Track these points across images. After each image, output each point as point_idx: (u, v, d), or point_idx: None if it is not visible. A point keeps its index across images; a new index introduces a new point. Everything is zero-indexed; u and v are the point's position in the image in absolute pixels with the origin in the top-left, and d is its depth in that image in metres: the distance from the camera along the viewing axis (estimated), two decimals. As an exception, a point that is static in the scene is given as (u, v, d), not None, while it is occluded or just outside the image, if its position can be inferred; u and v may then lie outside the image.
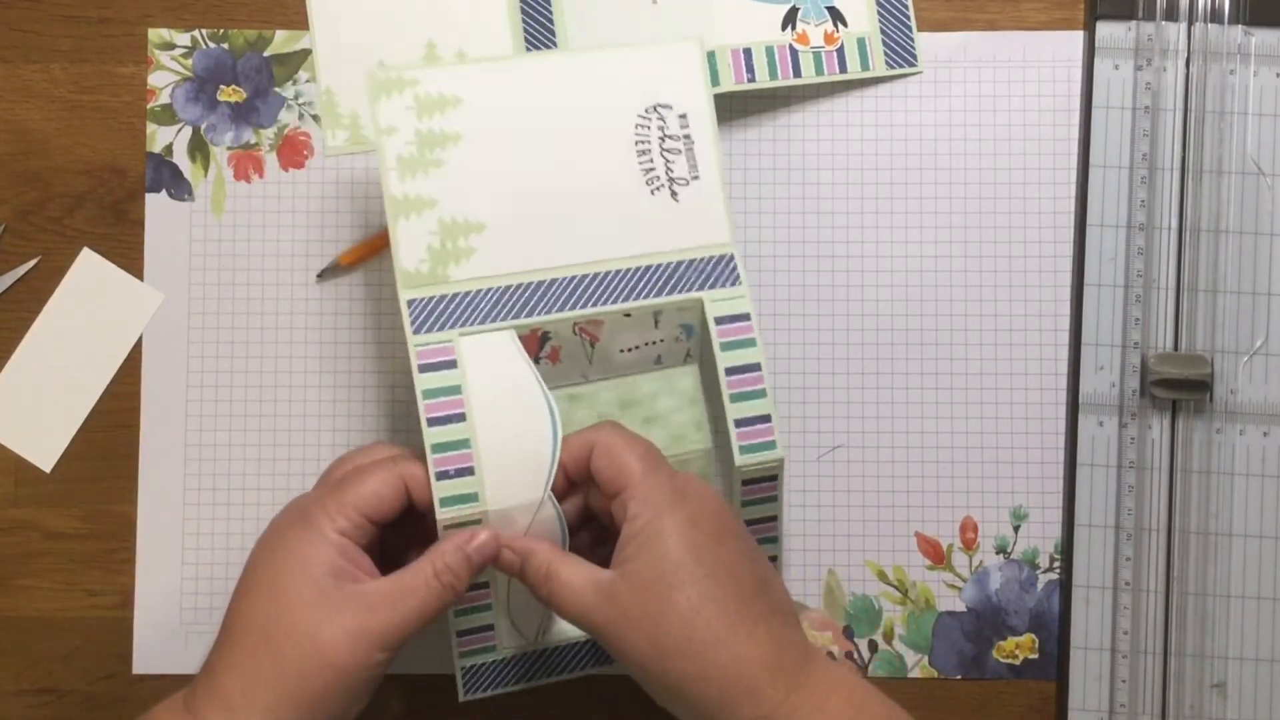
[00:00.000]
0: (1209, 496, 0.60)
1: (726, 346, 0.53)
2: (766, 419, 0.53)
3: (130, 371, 0.61)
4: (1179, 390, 0.60)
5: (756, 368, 0.53)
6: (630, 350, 0.57)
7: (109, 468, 0.61)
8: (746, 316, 0.54)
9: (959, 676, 0.61)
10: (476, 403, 0.51)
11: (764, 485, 0.53)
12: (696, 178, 0.55)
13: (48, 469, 0.61)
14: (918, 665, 0.61)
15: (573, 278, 0.54)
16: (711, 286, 0.54)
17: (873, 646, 0.61)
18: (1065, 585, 0.60)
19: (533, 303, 0.53)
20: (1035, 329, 0.62)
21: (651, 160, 0.55)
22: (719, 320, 0.54)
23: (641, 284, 0.54)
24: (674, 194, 0.55)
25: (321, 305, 0.62)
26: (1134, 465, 0.60)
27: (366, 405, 0.61)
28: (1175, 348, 0.60)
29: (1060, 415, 0.61)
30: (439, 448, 0.50)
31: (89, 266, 0.61)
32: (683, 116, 0.55)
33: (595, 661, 0.55)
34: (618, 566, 0.47)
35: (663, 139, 0.55)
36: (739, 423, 0.52)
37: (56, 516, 0.61)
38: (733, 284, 0.55)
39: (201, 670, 0.48)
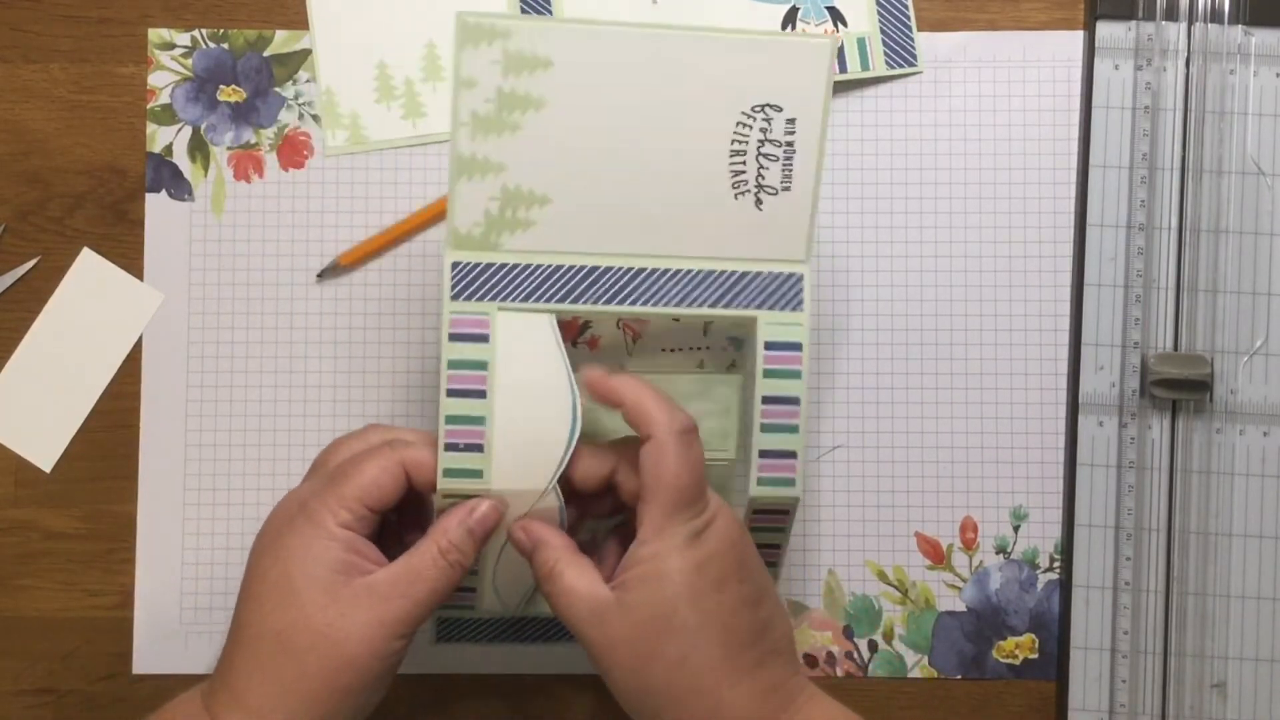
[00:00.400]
0: (1209, 496, 0.60)
1: (770, 374, 0.51)
2: (792, 455, 0.51)
3: (130, 371, 0.61)
4: (1179, 390, 0.60)
5: (795, 401, 0.51)
6: (673, 350, 0.56)
7: (109, 468, 0.61)
8: (799, 346, 0.51)
9: (959, 676, 0.61)
10: (500, 382, 0.49)
11: (775, 517, 0.52)
12: (788, 189, 0.51)
13: (48, 469, 0.61)
14: (918, 665, 0.61)
15: (627, 269, 0.51)
16: (770, 307, 0.52)
17: (873, 646, 0.61)
18: (1065, 585, 0.60)
19: (580, 289, 0.51)
20: (1035, 329, 0.62)
21: (744, 162, 0.51)
22: (769, 345, 0.51)
23: (698, 289, 0.51)
24: (759, 201, 0.51)
25: (321, 305, 0.62)
26: (1134, 465, 0.60)
27: (367, 405, 0.61)
28: (1175, 348, 0.60)
29: (1060, 415, 0.61)
30: (453, 419, 0.49)
31: (89, 266, 0.61)
32: (791, 121, 0.51)
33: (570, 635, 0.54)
34: (618, 589, 0.47)
35: (762, 142, 0.51)
36: (763, 453, 0.51)
37: (56, 516, 0.61)
38: (794, 308, 0.52)
39: (216, 675, 0.48)
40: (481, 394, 0.49)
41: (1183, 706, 0.59)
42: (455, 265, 0.50)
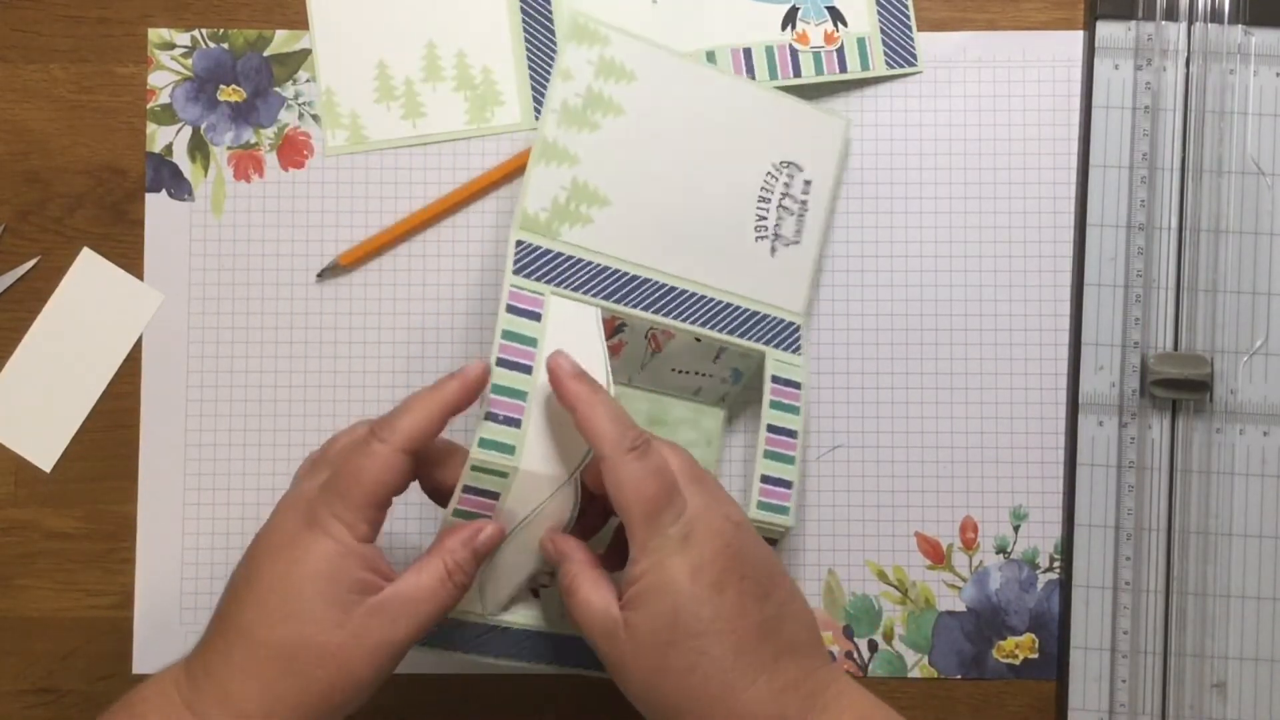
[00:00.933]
0: (1209, 496, 0.60)
1: (774, 405, 0.55)
2: (788, 485, 0.54)
3: (130, 371, 0.61)
4: (1179, 390, 0.60)
5: (793, 434, 0.55)
6: (680, 372, 0.59)
7: (109, 468, 0.61)
8: (798, 385, 0.57)
9: (959, 676, 0.61)
10: (544, 364, 0.51)
11: None
12: (797, 243, 0.58)
13: (48, 469, 0.61)
14: (918, 665, 0.61)
15: (664, 285, 0.55)
16: (776, 346, 0.57)
17: (873, 646, 0.61)
18: (1065, 585, 0.60)
19: (624, 292, 0.55)
20: (1035, 329, 0.62)
21: (767, 210, 0.58)
22: (774, 379, 0.56)
23: (719, 317, 0.56)
24: (773, 249, 0.58)
25: (321, 305, 0.62)
26: (1134, 465, 0.60)
27: (367, 405, 0.61)
28: (1175, 348, 0.60)
29: (1060, 415, 0.61)
30: (499, 390, 0.50)
31: (89, 266, 0.61)
32: (808, 183, 0.58)
33: (548, 659, 0.54)
34: (624, 608, 0.47)
35: (784, 196, 0.58)
36: (764, 479, 0.54)
37: (56, 516, 0.61)
38: (794, 351, 0.57)
39: (200, 668, 0.47)
40: (528, 369, 0.51)
41: (1183, 706, 0.59)
42: (519, 243, 0.53)
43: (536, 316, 0.52)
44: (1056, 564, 0.61)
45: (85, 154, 0.62)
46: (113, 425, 0.61)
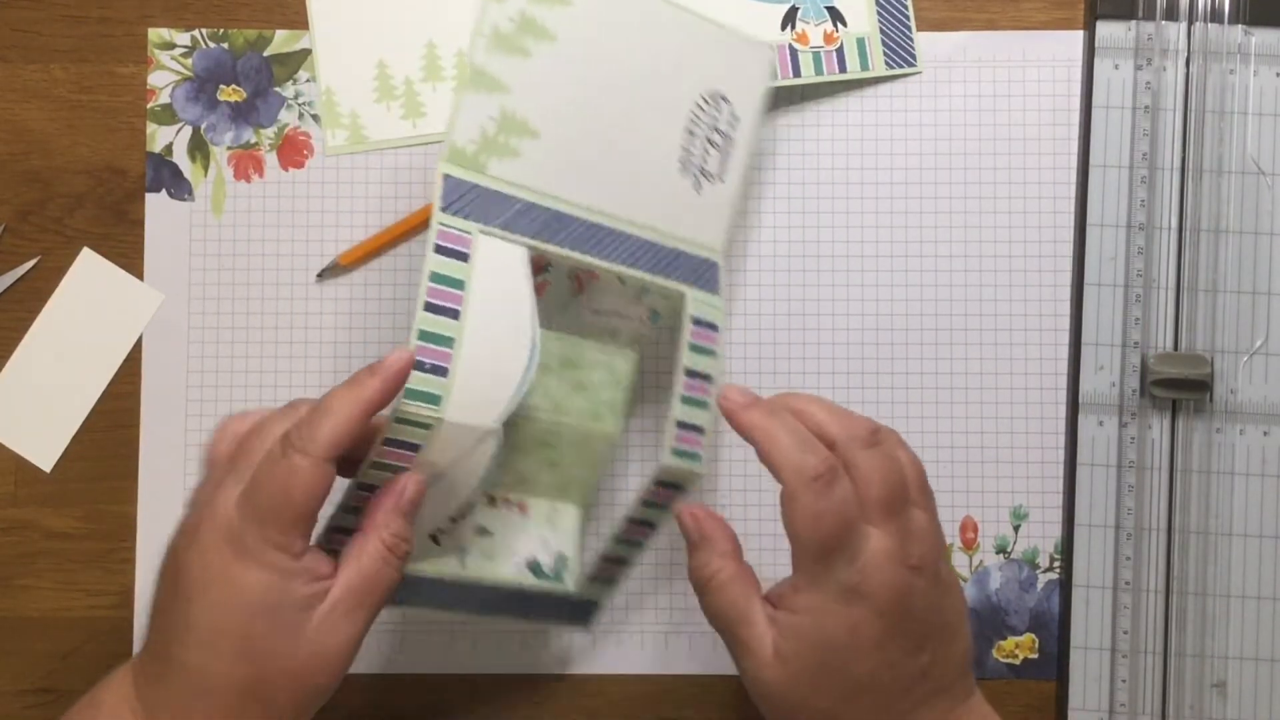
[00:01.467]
0: (1209, 496, 0.60)
1: (693, 348, 0.53)
2: (702, 431, 0.52)
3: (130, 371, 0.61)
4: (1179, 390, 0.60)
5: (709, 379, 0.53)
6: (600, 313, 0.57)
7: (109, 468, 0.61)
8: (716, 327, 0.54)
9: (959, 676, 0.61)
10: (472, 307, 0.49)
11: (670, 491, 0.53)
12: (722, 180, 0.56)
13: (48, 469, 0.61)
14: (918, 665, 0.61)
15: (589, 222, 0.53)
16: (696, 286, 0.55)
17: (873, 646, 0.61)
18: (1065, 585, 0.60)
19: (551, 229, 0.52)
20: (1035, 329, 0.62)
21: (694, 143, 0.55)
22: (694, 320, 0.54)
23: (644, 255, 0.54)
24: (697, 184, 0.55)
25: (321, 305, 0.62)
26: (1134, 465, 0.60)
27: (366, 405, 0.61)
28: (1175, 348, 0.60)
29: (1060, 415, 0.61)
30: (426, 336, 0.47)
31: (89, 266, 0.61)
32: (734, 116, 0.56)
33: (456, 605, 0.53)
34: (773, 629, 0.45)
35: (712, 129, 0.55)
36: (680, 424, 0.51)
37: (56, 516, 0.61)
38: (713, 291, 0.55)
39: (159, 703, 0.45)
40: (455, 314, 0.48)
41: (1183, 706, 0.59)
42: (447, 178, 0.50)
43: (464, 257, 0.49)
44: (1056, 564, 0.61)
45: (85, 154, 0.62)
46: (113, 425, 0.61)
